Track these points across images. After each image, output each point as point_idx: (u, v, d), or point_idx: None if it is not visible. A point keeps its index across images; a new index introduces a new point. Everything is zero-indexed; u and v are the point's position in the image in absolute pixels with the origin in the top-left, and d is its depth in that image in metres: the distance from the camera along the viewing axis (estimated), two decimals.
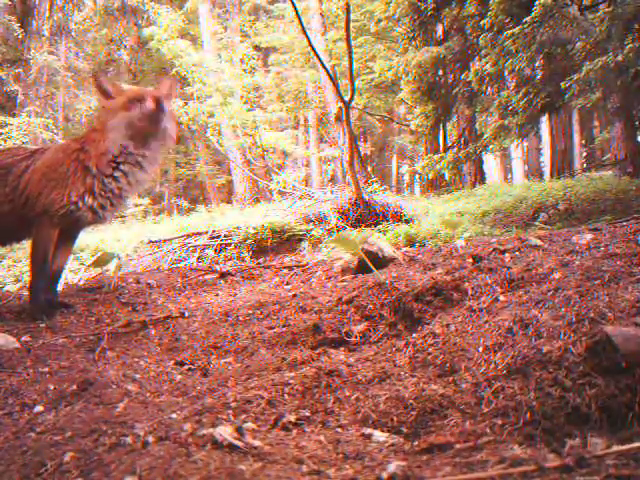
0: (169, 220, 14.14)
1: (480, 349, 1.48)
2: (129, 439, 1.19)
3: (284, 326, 2.24)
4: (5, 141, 15.08)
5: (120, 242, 8.03)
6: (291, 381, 1.50)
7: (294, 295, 2.77)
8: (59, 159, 2.89)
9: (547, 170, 19.28)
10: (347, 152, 8.21)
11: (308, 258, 5.09)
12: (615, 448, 1.00)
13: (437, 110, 11.05)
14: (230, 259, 6.31)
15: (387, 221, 6.82)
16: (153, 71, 27.42)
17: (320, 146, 24.01)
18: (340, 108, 13.82)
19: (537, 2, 6.87)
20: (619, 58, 6.21)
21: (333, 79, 9.88)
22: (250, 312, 2.60)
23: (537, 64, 8.49)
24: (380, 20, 13.36)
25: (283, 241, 7.07)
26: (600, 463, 0.94)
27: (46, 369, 2.03)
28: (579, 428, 1.13)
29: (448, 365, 1.49)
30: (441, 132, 14.40)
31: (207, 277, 4.13)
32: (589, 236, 2.67)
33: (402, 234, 5.81)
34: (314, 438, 1.20)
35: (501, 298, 1.88)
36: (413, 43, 11.30)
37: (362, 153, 19.68)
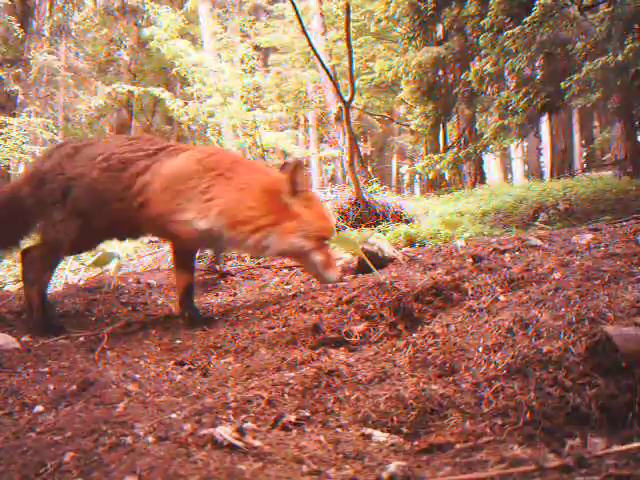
0: None
1: (480, 349, 1.48)
2: (129, 439, 1.19)
3: (284, 326, 2.24)
4: (5, 141, 15.09)
5: (120, 242, 7.99)
6: (291, 381, 1.50)
7: (294, 295, 2.77)
8: (191, 172, 2.62)
9: (547, 170, 19.27)
10: (347, 152, 8.21)
11: None
12: (615, 448, 1.00)
13: (437, 110, 11.05)
14: (230, 259, 6.31)
15: (387, 221, 6.81)
16: (153, 71, 27.43)
17: (320, 146, 24.02)
18: (340, 108, 13.81)
19: (537, 2, 6.87)
20: (619, 58, 6.21)
21: (333, 79, 9.88)
22: (250, 312, 2.60)
23: (537, 64, 8.49)
24: (380, 20, 13.35)
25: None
26: (600, 463, 0.94)
27: (46, 369, 2.03)
28: (579, 428, 1.13)
29: (448, 365, 1.49)
30: (441, 132, 14.39)
31: (207, 277, 4.13)
32: (589, 236, 2.67)
33: (402, 234, 5.81)
34: (314, 438, 1.20)
35: (501, 298, 1.87)
36: (413, 43, 11.29)
37: (362, 153, 19.67)
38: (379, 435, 1.22)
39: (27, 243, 3.02)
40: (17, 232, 2.95)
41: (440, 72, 11.56)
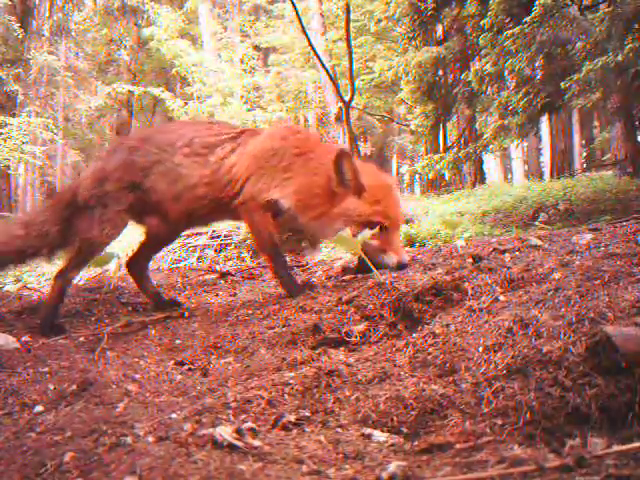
0: None
1: (480, 349, 1.48)
2: (129, 439, 1.19)
3: (284, 326, 2.23)
4: (5, 141, 15.09)
5: (120, 242, 7.98)
6: (291, 381, 1.50)
7: None
8: (273, 147, 2.71)
9: (547, 170, 19.28)
10: None
11: (308, 258, 5.09)
12: (615, 448, 1.00)
13: (437, 110, 11.03)
14: (230, 259, 6.31)
15: None
16: (153, 71, 27.44)
17: None
18: (340, 108, 13.82)
19: (537, 2, 6.87)
20: (619, 58, 6.20)
21: (333, 79, 9.87)
22: (250, 312, 2.60)
23: (537, 64, 8.47)
24: (380, 20, 13.34)
25: (283, 241, 7.06)
26: (600, 463, 0.94)
27: (46, 369, 2.03)
28: (579, 428, 1.13)
29: (448, 365, 1.49)
30: (441, 132, 14.38)
31: (207, 277, 4.13)
32: (589, 236, 2.68)
33: (402, 234, 5.80)
34: (314, 438, 1.20)
35: (501, 298, 1.87)
36: (413, 43, 11.27)
37: (362, 153, 19.67)
38: (379, 435, 1.21)
39: None
40: (73, 231, 2.95)
41: (440, 72, 11.55)
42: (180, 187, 2.74)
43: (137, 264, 3.16)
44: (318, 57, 9.18)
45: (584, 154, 23.42)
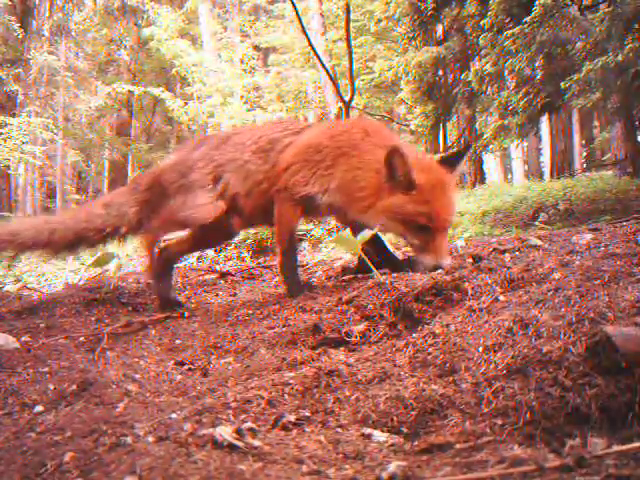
0: None
1: (480, 349, 1.48)
2: (129, 439, 1.19)
3: (284, 326, 2.23)
4: (5, 141, 15.10)
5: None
6: (291, 381, 1.50)
7: None
8: (320, 144, 2.71)
9: (547, 170, 19.28)
10: None
11: (308, 258, 5.09)
12: (615, 448, 1.00)
13: (437, 110, 11.04)
14: (230, 259, 6.31)
15: None
16: (153, 71, 27.45)
17: None
18: (340, 108, 13.82)
19: (537, 2, 6.87)
20: (619, 58, 6.21)
21: (333, 79, 9.87)
22: (250, 312, 2.60)
23: (537, 64, 8.48)
24: (380, 20, 13.35)
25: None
26: (600, 463, 0.94)
27: (46, 369, 2.03)
28: (579, 428, 1.13)
29: (448, 365, 1.49)
30: (441, 132, 14.38)
31: (207, 277, 4.13)
32: (589, 236, 2.68)
33: None
34: (314, 438, 1.20)
35: (501, 298, 1.87)
36: (413, 43, 11.27)
37: None
38: (379, 435, 1.21)
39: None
40: (147, 215, 3.07)
41: (440, 72, 11.55)
42: (249, 183, 2.82)
43: (174, 253, 3.17)
44: (318, 57, 9.20)
45: (584, 154, 23.41)
